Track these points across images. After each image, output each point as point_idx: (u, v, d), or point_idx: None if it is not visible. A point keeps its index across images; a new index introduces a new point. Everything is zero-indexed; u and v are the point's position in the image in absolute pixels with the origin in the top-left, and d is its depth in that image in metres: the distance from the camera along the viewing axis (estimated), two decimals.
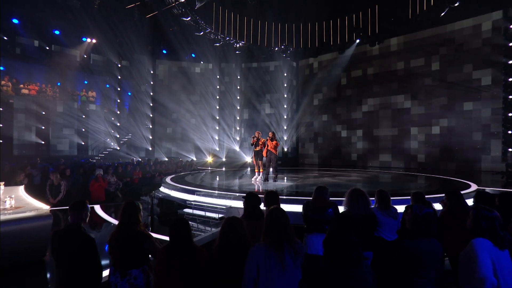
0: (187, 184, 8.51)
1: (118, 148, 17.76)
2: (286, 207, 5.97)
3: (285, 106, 21.06)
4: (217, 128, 21.75)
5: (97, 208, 7.17)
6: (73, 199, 3.61)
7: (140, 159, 17.73)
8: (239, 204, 6.55)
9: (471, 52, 14.43)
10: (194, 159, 20.11)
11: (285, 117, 21.10)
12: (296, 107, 21.57)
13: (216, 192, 7.21)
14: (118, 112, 18.36)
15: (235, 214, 6.57)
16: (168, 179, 9.79)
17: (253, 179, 9.58)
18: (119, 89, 18.19)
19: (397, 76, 16.84)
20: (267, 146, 8.78)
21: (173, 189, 8.03)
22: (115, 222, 6.26)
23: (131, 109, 19.29)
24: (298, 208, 5.95)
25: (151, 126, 20.03)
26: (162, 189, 8.49)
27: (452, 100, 15.13)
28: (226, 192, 7.18)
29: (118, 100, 18.20)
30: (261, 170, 9.38)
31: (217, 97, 21.78)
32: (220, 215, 6.39)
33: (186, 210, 6.75)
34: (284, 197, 6.48)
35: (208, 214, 6.53)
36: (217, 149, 21.58)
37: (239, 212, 6.41)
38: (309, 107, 20.78)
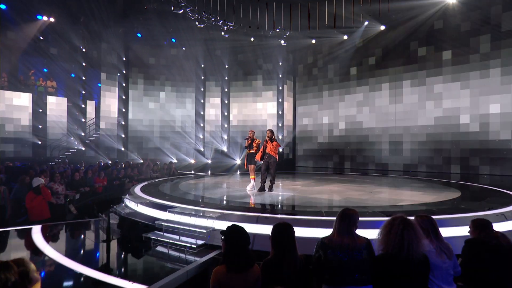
0: (158, 196, 7.34)
1: (83, 149, 16.46)
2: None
3: (280, 100, 20.15)
4: (202, 125, 20.79)
5: (36, 230, 5.92)
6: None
7: (110, 162, 16.60)
8: (226, 225, 5.40)
9: None
10: (175, 161, 19.23)
11: (279, 112, 20.18)
12: (294, 101, 20.63)
13: (195, 208, 6.05)
14: (84, 106, 16.96)
15: (219, 239, 5.45)
16: (137, 189, 8.60)
17: (248, 187, 8.61)
18: (84, 78, 16.82)
19: None
20: (265, 148, 7.79)
21: (140, 203, 6.84)
22: (57, 253, 5.04)
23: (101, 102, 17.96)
24: (308, 232, 4.87)
25: (123, 123, 18.83)
26: (127, 202, 7.29)
27: None
28: (209, 208, 6.03)
29: (83, 92, 16.83)
30: (254, 176, 8.54)
31: (202, 89, 20.77)
32: (200, 241, 5.24)
33: (155, 233, 5.57)
34: (289, 216, 5.36)
35: (184, 239, 5.39)
36: (202, 149, 20.66)
37: None
38: (309, 101, 19.96)
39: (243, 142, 8.83)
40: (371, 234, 3.37)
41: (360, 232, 3.05)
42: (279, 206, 6.80)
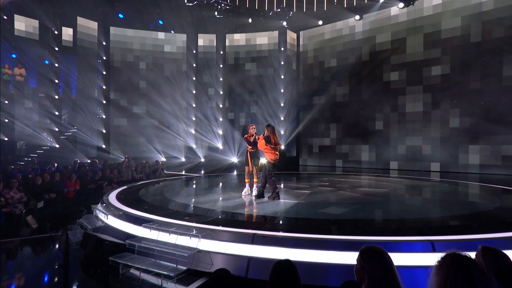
0: (135, 205, 6.63)
1: (57, 146, 15.75)
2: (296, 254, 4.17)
3: (282, 90, 19.47)
4: (194, 119, 20.20)
5: None
6: None
7: (89, 161, 15.95)
8: (214, 246, 4.71)
9: None
10: (163, 159, 18.75)
11: (282, 105, 19.52)
12: (297, 92, 20.03)
13: (177, 222, 5.34)
14: (57, 97, 16.24)
15: (206, 264, 4.75)
16: (112, 195, 7.90)
17: (243, 192, 8.08)
18: (56, 65, 16.05)
19: None
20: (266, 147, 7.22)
21: (112, 215, 6.13)
22: None
23: (78, 93, 17.32)
24: (318, 256, 4.16)
25: (104, 117, 18.15)
26: (97, 212, 6.57)
27: None
28: (194, 222, 5.31)
29: (56, 81, 16.08)
30: (254, 180, 7.96)
31: (193, 78, 20.11)
32: (181, 267, 4.54)
33: (125, 255, 4.85)
34: (293, 235, 4.65)
35: (162, 263, 4.68)
36: (193, 146, 20.11)
37: (214, 262, 4.56)
38: (314, 93, 19.28)
39: (242, 141, 8.27)
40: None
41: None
42: (281, 219, 6.09)
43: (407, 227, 5.33)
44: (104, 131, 18.09)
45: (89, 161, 15.79)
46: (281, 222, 5.88)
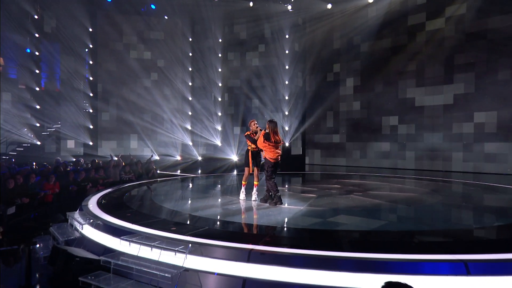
0: (116, 213, 6.19)
1: (39, 143, 15.44)
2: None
3: (286, 82, 19.01)
4: (190, 113, 19.89)
5: None
6: None
7: (74, 159, 15.61)
8: (204, 264, 4.26)
9: None
10: (157, 158, 18.50)
11: (286, 98, 19.06)
12: (303, 83, 19.54)
13: (161, 235, 4.90)
14: (38, 89, 15.89)
15: (193, 286, 4.30)
16: (92, 200, 7.51)
17: (241, 197, 7.71)
18: (37, 53, 15.67)
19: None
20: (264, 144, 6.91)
21: (89, 224, 5.70)
22: None
23: (62, 85, 17.07)
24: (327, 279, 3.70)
25: (91, 111, 17.86)
26: (73, 221, 6.14)
27: None
28: (181, 234, 4.86)
29: (37, 71, 15.72)
30: (255, 182, 7.56)
31: (190, 68, 19.84)
32: None
33: (99, 275, 4.42)
34: (298, 251, 4.19)
35: (142, 284, 4.25)
36: (190, 143, 19.86)
37: (203, 283, 4.11)
38: (323, 84, 18.75)
39: (242, 137, 7.93)
40: None
41: None
42: (284, 230, 5.63)
43: (432, 242, 4.83)
44: (91, 126, 17.83)
45: (74, 159, 15.46)
46: (283, 234, 5.43)
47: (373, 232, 5.39)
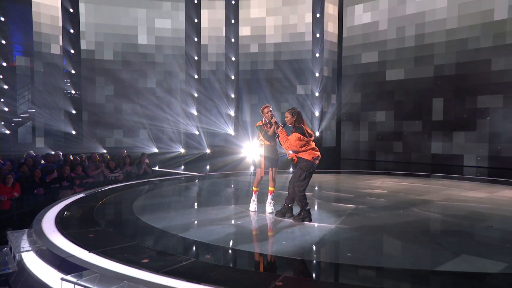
0: (73, 232, 5.32)
1: (8, 132, 15.47)
2: None
3: (317, 54, 18.51)
4: (196, 95, 19.85)
5: None
6: None
7: (53, 153, 15.48)
8: None
9: None
10: (155, 150, 19.20)
11: (317, 75, 18.63)
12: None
13: (124, 274, 3.96)
14: (5, 64, 16.04)
15: None
16: (52, 211, 6.73)
17: (251, 207, 6.95)
18: (3, 19, 15.63)
19: None
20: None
21: (34, 250, 4.87)
22: None
23: (36, 60, 16.97)
24: None
25: (74, 92, 18.06)
26: (12, 246, 5.35)
27: None
28: (151, 271, 3.88)
29: (4, 42, 15.46)
30: (270, 188, 6.82)
31: (195, 39, 20.07)
32: None
33: None
34: None
35: None
36: (196, 133, 20.23)
37: None
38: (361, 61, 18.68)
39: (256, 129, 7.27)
40: None
41: None
42: (312, 261, 4.60)
43: None
44: (74, 111, 17.63)
45: (53, 152, 15.31)
46: (308, 269, 4.39)
47: (438, 273, 4.13)
